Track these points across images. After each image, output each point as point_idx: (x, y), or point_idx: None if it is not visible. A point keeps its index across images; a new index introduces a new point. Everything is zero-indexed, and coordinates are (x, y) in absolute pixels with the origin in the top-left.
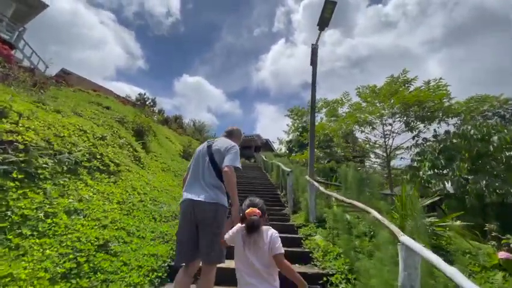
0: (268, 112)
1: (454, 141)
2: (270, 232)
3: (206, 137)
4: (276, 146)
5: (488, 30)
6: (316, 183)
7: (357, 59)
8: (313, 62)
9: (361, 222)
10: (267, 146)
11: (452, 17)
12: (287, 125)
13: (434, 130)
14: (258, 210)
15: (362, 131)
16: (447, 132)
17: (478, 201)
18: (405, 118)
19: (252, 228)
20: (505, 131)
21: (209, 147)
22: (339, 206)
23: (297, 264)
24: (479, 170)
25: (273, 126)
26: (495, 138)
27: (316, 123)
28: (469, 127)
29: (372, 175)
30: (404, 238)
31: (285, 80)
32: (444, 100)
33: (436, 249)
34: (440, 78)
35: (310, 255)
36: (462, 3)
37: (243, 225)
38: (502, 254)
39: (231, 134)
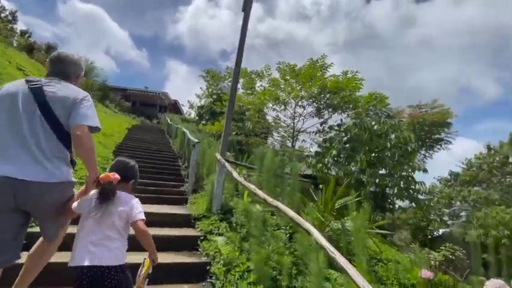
0: (180, 71)
1: (357, 132)
2: (130, 200)
3: (92, 83)
4: (185, 109)
5: (371, 45)
6: (228, 165)
7: (275, 41)
8: (247, 5)
9: (277, 219)
10: (175, 107)
11: (351, 26)
12: (200, 88)
13: (341, 120)
14: (115, 175)
15: (275, 109)
16: (355, 124)
17: (369, 193)
18: (318, 103)
19: (104, 197)
20: (400, 130)
21: (36, 89)
22: (252, 196)
23: (185, 286)
24: (376, 163)
25: (185, 88)
26: (392, 136)
27: None
28: (373, 122)
29: (294, 163)
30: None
31: (204, 42)
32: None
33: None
34: (357, 71)
35: (208, 268)
36: (360, 18)
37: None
38: (425, 273)
39: (67, 67)
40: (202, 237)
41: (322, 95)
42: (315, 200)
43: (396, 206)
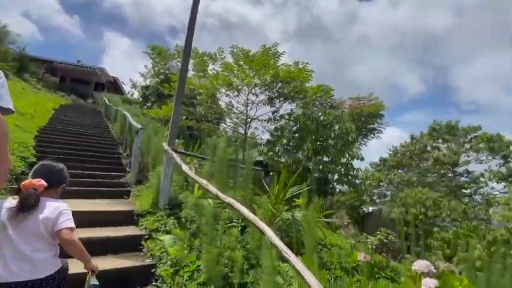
0: (121, 45)
1: (305, 122)
2: (57, 206)
3: (6, 51)
4: (127, 89)
5: (318, 36)
6: (177, 157)
7: (228, 23)
8: None
9: (230, 212)
10: (114, 86)
11: (301, 16)
12: (145, 66)
13: (291, 109)
14: (40, 182)
15: (228, 95)
16: (304, 114)
17: (315, 179)
18: (270, 92)
19: (23, 207)
20: (342, 121)
21: None
22: (203, 190)
23: None
24: (320, 151)
25: (126, 64)
26: (336, 126)
27: None
28: (320, 113)
29: (248, 153)
30: None
31: (150, 15)
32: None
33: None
34: (307, 63)
35: (153, 271)
36: (309, 8)
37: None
38: (363, 256)
39: None
40: (146, 236)
41: (274, 84)
42: (266, 189)
43: (337, 190)
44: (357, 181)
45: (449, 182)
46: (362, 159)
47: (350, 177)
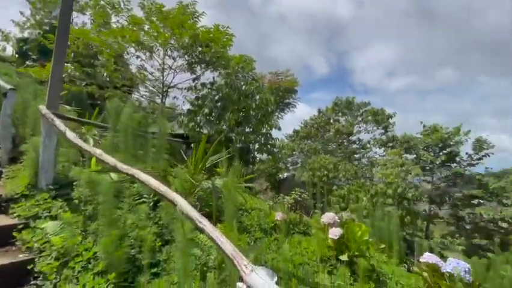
0: None
1: (227, 92)
2: None
3: None
4: None
5: (241, 8)
6: (58, 122)
7: None
8: None
9: (139, 187)
10: None
11: None
12: (21, 13)
13: (213, 78)
14: None
15: (139, 57)
16: (226, 83)
17: (238, 149)
18: (190, 57)
19: None
20: (263, 92)
21: None
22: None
23: None
24: (243, 122)
25: None
26: (257, 97)
27: (78, 27)
28: (242, 83)
29: (162, 121)
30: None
31: None
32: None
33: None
34: (228, 27)
35: (31, 267)
36: None
37: None
38: (279, 216)
39: None
40: (20, 226)
41: (194, 47)
42: (185, 160)
43: (257, 159)
44: (275, 150)
45: (345, 149)
46: (280, 128)
47: (269, 146)
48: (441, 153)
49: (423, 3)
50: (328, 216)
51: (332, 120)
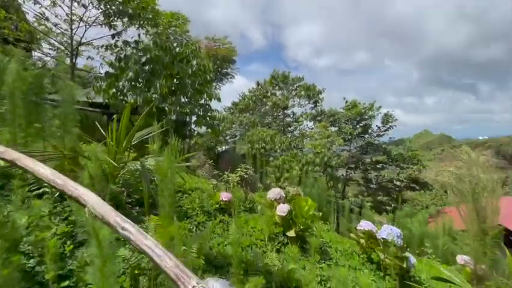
0: None
1: (157, 53)
2: None
3: None
4: None
5: None
6: None
7: None
8: None
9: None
10: None
11: None
12: None
13: (139, 35)
14: None
15: (37, 2)
16: (155, 43)
17: (173, 121)
18: (106, 6)
19: None
20: (200, 57)
21: None
22: None
23: None
24: (177, 90)
25: None
26: (194, 62)
27: None
28: (175, 44)
29: (69, 85)
30: None
31: None
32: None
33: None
34: None
35: None
36: None
37: None
38: (224, 196)
39: None
40: None
41: None
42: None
43: (195, 132)
44: (215, 123)
45: (280, 121)
46: (220, 100)
47: (208, 118)
48: (358, 126)
49: None
50: (274, 192)
51: (269, 94)
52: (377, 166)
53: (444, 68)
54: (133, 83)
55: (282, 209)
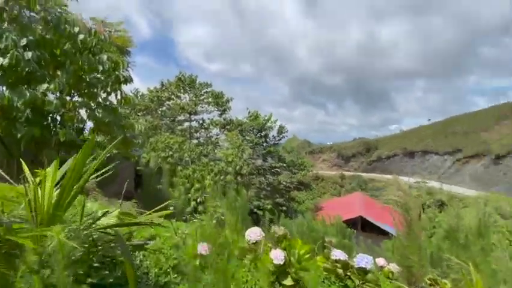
0: None
1: (46, 35)
2: None
3: None
4: None
5: None
6: None
7: None
8: None
9: None
10: None
11: None
12: None
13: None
14: None
15: None
16: (45, 20)
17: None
18: None
19: None
20: (112, 51)
21: None
22: None
23: None
24: (85, 90)
25: None
26: (105, 57)
27: None
28: (77, 28)
29: None
30: None
31: None
32: None
33: None
34: None
35: None
36: None
37: None
38: (202, 248)
39: None
40: None
41: None
42: None
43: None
44: (130, 134)
45: (188, 127)
46: (131, 103)
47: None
48: (259, 135)
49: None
50: (255, 233)
51: (173, 96)
52: (273, 171)
53: (306, 88)
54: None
55: (279, 257)
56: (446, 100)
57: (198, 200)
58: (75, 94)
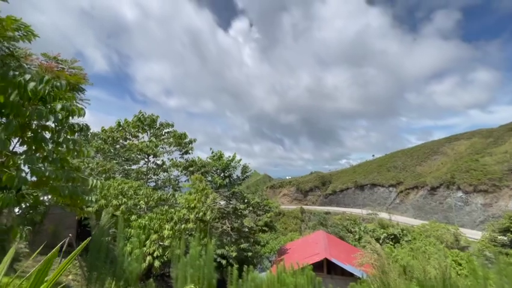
0: None
1: None
2: None
3: None
4: None
5: None
6: None
7: None
8: None
9: None
10: None
11: None
12: None
13: None
14: None
15: None
16: None
17: None
18: None
19: None
20: (66, 99)
21: None
22: None
23: None
24: (34, 144)
25: None
26: (59, 106)
27: None
28: (27, 74)
29: None
30: None
31: None
32: None
33: None
34: None
35: None
36: None
37: None
38: None
39: None
40: None
41: None
42: None
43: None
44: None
45: (144, 167)
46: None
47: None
48: (222, 175)
49: (197, 42)
50: None
51: (130, 136)
52: (238, 213)
53: (264, 124)
54: None
55: None
56: (384, 137)
57: (155, 255)
58: (17, 143)
